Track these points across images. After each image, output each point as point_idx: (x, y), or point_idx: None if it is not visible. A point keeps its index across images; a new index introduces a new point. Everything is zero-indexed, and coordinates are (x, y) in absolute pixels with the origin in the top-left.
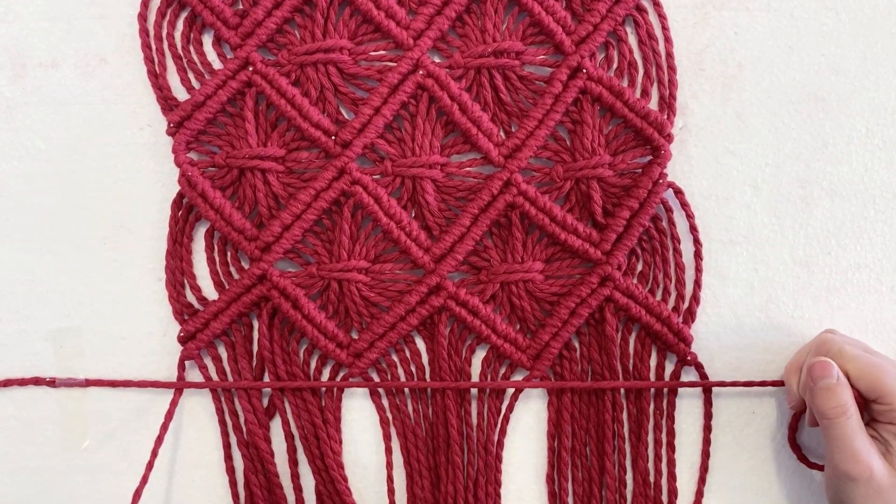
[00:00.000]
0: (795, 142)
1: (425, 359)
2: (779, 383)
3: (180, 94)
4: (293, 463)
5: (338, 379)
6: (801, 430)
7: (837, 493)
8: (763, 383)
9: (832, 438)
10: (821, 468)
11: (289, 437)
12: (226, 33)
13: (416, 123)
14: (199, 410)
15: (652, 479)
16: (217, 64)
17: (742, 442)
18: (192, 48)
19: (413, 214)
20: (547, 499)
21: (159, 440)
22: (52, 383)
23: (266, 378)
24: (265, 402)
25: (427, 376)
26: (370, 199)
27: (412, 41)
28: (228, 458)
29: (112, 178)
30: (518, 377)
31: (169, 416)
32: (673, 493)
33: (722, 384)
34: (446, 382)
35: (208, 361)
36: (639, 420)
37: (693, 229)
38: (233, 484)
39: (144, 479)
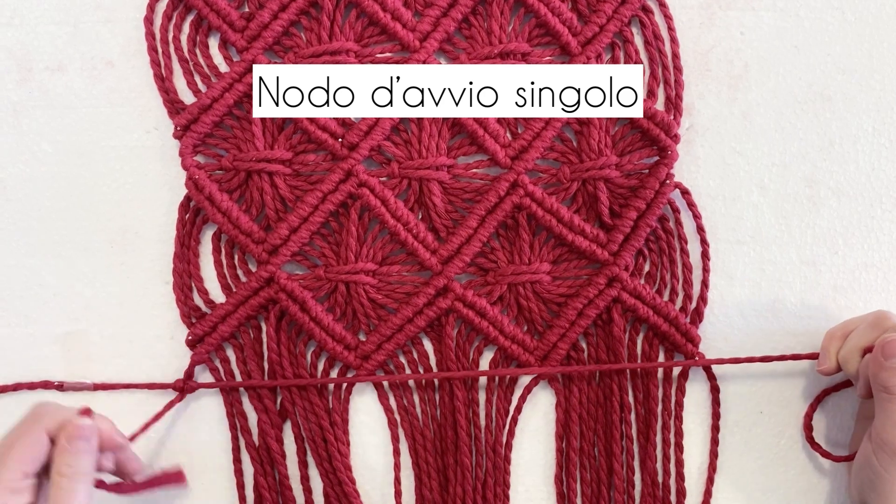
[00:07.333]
0: (802, 141)
1: (433, 360)
2: (798, 357)
3: (187, 97)
4: (303, 465)
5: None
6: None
7: (878, 473)
8: (782, 357)
9: (890, 412)
10: (846, 459)
11: (298, 439)
12: (232, 36)
13: (422, 125)
14: (207, 414)
15: (660, 479)
16: (223, 67)
17: (750, 442)
18: (198, 51)
19: (420, 216)
20: (556, 499)
21: (144, 427)
22: (60, 387)
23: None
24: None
25: (435, 379)
26: (377, 201)
27: (418, 43)
28: (237, 461)
29: (119, 181)
30: (526, 379)
31: (167, 408)
32: (681, 493)
33: (736, 360)
34: (453, 373)
35: (218, 365)
36: (647, 421)
37: (700, 229)
38: (240, 487)
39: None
